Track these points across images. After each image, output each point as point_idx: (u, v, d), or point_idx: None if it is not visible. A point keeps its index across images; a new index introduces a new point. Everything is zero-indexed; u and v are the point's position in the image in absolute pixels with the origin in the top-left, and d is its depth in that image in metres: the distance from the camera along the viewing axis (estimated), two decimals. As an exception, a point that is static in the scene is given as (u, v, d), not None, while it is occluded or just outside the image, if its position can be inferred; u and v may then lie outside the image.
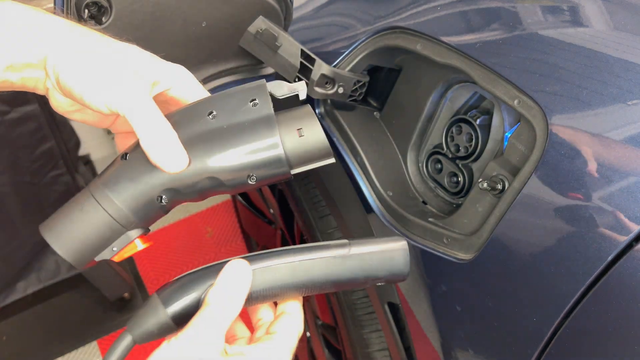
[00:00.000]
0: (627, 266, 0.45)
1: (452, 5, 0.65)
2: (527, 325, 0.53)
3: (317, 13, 0.85)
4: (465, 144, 0.67)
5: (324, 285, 0.45)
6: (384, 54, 0.72)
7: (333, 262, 0.44)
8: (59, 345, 1.66)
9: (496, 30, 0.60)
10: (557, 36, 0.55)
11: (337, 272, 0.44)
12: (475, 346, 0.60)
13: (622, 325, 0.46)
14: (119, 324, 1.71)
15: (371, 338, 0.85)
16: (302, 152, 0.44)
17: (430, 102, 0.69)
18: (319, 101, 0.78)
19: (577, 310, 0.48)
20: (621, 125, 0.47)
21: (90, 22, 0.54)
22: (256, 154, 0.42)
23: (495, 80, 0.57)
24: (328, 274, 0.44)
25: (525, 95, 0.54)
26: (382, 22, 0.71)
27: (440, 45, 0.63)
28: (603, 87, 0.49)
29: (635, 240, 0.44)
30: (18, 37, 0.42)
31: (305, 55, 0.66)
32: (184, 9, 0.59)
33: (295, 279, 0.43)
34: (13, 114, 1.35)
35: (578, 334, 0.49)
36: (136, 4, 0.55)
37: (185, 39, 0.61)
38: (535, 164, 0.52)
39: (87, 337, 1.67)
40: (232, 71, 0.70)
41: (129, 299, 1.76)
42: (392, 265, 0.45)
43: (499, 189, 0.58)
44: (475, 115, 0.66)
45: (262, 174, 0.43)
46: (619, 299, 0.46)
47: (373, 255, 0.45)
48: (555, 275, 0.50)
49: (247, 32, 0.66)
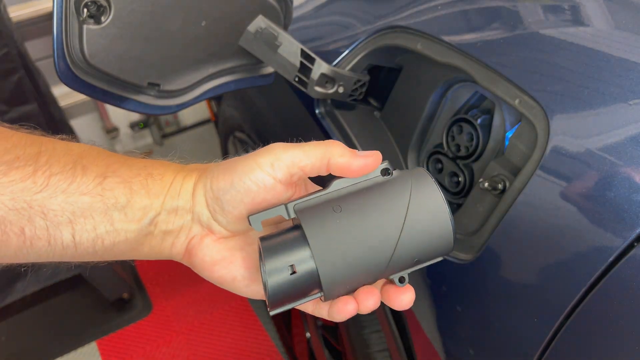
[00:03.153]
0: (629, 267, 0.45)
1: (452, 4, 0.65)
2: (528, 326, 0.52)
3: (317, 12, 0.84)
4: (465, 144, 0.66)
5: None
6: (384, 53, 0.72)
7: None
8: (59, 346, 1.66)
9: (497, 29, 0.60)
10: (558, 35, 0.55)
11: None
12: (476, 347, 0.60)
13: (623, 326, 0.46)
14: (119, 324, 1.71)
15: (371, 338, 0.85)
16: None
17: (430, 102, 0.69)
18: (319, 101, 0.78)
19: (578, 311, 0.48)
20: (622, 125, 0.47)
21: (90, 22, 0.54)
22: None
23: (496, 79, 0.57)
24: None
25: (526, 95, 0.54)
26: (383, 21, 0.71)
27: (440, 44, 0.63)
28: (604, 87, 0.49)
29: (636, 241, 0.44)
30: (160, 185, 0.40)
31: (305, 54, 0.66)
32: (183, 9, 0.59)
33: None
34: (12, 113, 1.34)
35: (579, 335, 0.49)
36: (135, 3, 0.55)
37: (184, 38, 0.61)
38: (536, 163, 0.52)
39: (86, 337, 1.67)
40: (231, 70, 0.70)
41: (128, 299, 1.76)
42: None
43: (499, 188, 0.58)
44: (476, 115, 0.65)
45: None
46: (620, 300, 0.45)
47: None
48: (556, 275, 0.50)
49: (246, 32, 0.66)
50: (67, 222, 0.37)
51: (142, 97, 0.63)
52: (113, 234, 0.39)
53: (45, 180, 0.36)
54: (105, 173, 0.39)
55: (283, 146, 0.39)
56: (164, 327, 1.69)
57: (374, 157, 0.40)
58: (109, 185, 0.38)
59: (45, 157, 0.37)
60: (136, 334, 1.68)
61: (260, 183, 0.38)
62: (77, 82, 0.57)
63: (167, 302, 1.77)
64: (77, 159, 0.39)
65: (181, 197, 0.40)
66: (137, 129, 2.50)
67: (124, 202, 0.39)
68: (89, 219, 0.38)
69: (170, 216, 0.40)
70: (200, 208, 0.41)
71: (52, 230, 0.37)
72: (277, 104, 0.97)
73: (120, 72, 0.59)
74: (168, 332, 1.68)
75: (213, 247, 0.42)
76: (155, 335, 1.67)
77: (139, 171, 0.40)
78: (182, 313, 1.73)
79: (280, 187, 0.39)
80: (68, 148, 0.39)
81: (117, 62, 0.58)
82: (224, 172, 0.39)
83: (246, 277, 0.42)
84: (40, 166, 0.37)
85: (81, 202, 0.37)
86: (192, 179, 0.41)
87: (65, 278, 1.58)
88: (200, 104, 2.13)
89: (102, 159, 0.40)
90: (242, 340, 1.63)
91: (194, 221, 0.41)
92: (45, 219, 0.36)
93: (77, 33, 0.54)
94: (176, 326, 1.69)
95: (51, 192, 0.36)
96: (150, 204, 0.40)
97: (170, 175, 0.41)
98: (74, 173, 0.37)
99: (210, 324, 1.69)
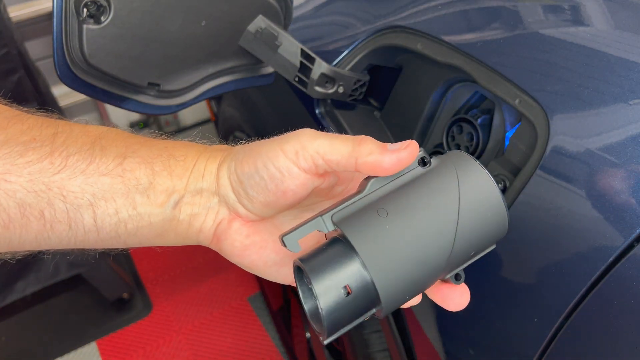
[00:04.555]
0: (629, 267, 0.45)
1: (452, 4, 0.65)
2: (528, 326, 0.52)
3: (317, 12, 0.84)
4: (466, 144, 0.66)
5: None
6: (385, 53, 0.72)
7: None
8: (59, 346, 1.66)
9: (497, 29, 0.60)
10: (558, 35, 0.55)
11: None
12: (476, 347, 0.60)
13: (623, 326, 0.46)
14: (118, 324, 1.71)
15: (371, 338, 0.85)
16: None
17: (430, 102, 0.69)
18: (319, 101, 0.78)
19: (578, 311, 0.48)
20: (622, 125, 0.47)
21: (89, 21, 0.54)
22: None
23: (496, 79, 0.57)
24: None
25: (526, 95, 0.54)
26: (383, 21, 0.71)
27: (440, 44, 0.63)
28: (604, 87, 0.49)
29: (636, 241, 0.44)
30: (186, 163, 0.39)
31: (305, 54, 0.66)
32: (183, 8, 0.59)
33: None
34: (12, 113, 1.34)
35: (579, 335, 0.49)
36: (135, 2, 0.55)
37: (184, 38, 0.61)
38: (536, 163, 0.52)
39: (86, 337, 1.67)
40: (231, 70, 0.70)
41: (128, 299, 1.76)
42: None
43: (499, 188, 0.58)
44: (476, 115, 0.65)
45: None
46: (620, 300, 0.45)
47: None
48: (556, 275, 0.50)
49: (246, 31, 0.66)
50: (87, 205, 0.36)
51: (142, 97, 0.63)
52: (136, 218, 0.37)
53: (63, 161, 0.35)
54: (125, 153, 0.37)
55: (311, 134, 0.36)
56: (164, 327, 1.69)
57: (409, 149, 0.36)
58: (130, 165, 0.37)
59: (62, 138, 0.36)
60: (136, 334, 1.68)
61: (284, 171, 0.36)
62: (77, 82, 0.57)
63: (167, 302, 1.77)
64: (95, 139, 0.37)
65: (205, 179, 0.39)
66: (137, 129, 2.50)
67: (146, 184, 0.37)
68: (110, 201, 0.36)
69: (195, 198, 0.39)
70: (225, 190, 0.39)
71: (72, 213, 0.36)
72: (277, 104, 0.96)
73: (120, 72, 0.58)
74: (168, 332, 1.68)
75: (242, 231, 0.40)
76: (155, 335, 1.67)
77: (160, 152, 0.39)
78: (182, 313, 1.73)
79: (306, 176, 0.37)
80: (85, 130, 0.38)
81: (117, 62, 0.58)
82: (248, 156, 0.37)
83: (277, 262, 0.41)
84: (57, 147, 0.35)
85: (101, 183, 0.36)
86: (216, 160, 0.39)
87: (65, 278, 1.58)
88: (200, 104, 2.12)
89: (121, 139, 0.39)
90: (242, 340, 1.63)
91: (221, 204, 0.39)
92: (65, 202, 0.35)
93: (76, 33, 0.54)
94: (176, 326, 1.69)
95: (70, 173, 0.35)
96: (173, 185, 0.38)
97: (193, 156, 0.39)
98: (92, 153, 0.36)
99: (210, 324, 1.69)
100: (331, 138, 0.36)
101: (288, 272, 0.42)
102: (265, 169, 0.36)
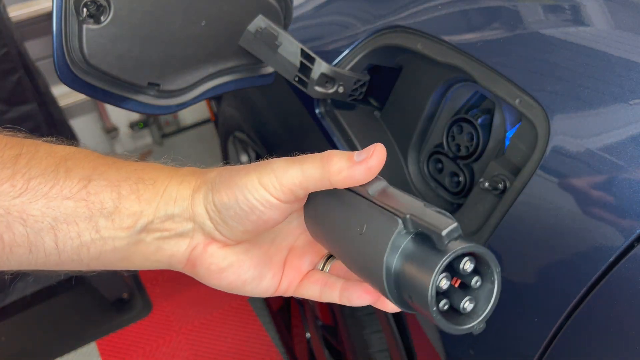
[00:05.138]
0: (629, 267, 0.44)
1: (452, 4, 0.65)
2: (528, 326, 0.52)
3: (317, 12, 0.84)
4: (466, 144, 0.66)
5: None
6: (384, 53, 0.72)
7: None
8: (59, 346, 1.66)
9: (497, 29, 0.60)
10: (559, 35, 0.55)
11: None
12: (476, 347, 0.60)
13: (623, 326, 0.46)
14: (118, 324, 1.71)
15: (371, 338, 0.85)
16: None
17: (430, 102, 0.69)
18: (319, 101, 0.78)
19: (579, 311, 0.48)
20: (623, 125, 0.47)
21: (89, 21, 0.54)
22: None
23: (496, 79, 0.57)
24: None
25: (526, 95, 0.54)
26: (383, 21, 0.71)
27: (441, 44, 0.63)
28: (605, 87, 0.49)
29: (637, 241, 0.44)
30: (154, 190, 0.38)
31: (305, 54, 0.66)
32: (183, 8, 0.59)
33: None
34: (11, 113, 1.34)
35: (579, 335, 0.49)
36: (135, 2, 0.55)
37: (184, 38, 0.61)
38: (536, 163, 0.52)
39: (86, 337, 1.67)
40: (231, 70, 0.70)
41: (128, 299, 1.76)
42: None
43: (500, 188, 0.58)
44: (476, 115, 0.65)
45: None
46: (621, 300, 0.45)
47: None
48: (557, 275, 0.50)
49: (246, 31, 0.66)
50: (48, 229, 0.35)
51: (142, 97, 0.63)
52: (99, 242, 0.37)
53: (24, 184, 0.35)
54: (91, 176, 0.37)
55: (283, 166, 0.36)
56: (164, 327, 1.69)
57: (376, 154, 0.36)
58: (95, 188, 0.36)
59: (25, 159, 0.35)
60: (136, 334, 1.68)
61: (265, 203, 0.37)
62: (77, 82, 0.57)
63: (167, 302, 1.77)
64: (60, 161, 0.37)
65: (177, 205, 0.38)
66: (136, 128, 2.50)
67: (111, 208, 0.36)
68: (72, 225, 0.36)
69: (165, 224, 0.38)
70: (202, 219, 0.39)
71: (32, 237, 0.35)
72: (277, 104, 0.96)
73: (120, 72, 0.58)
74: (168, 332, 1.68)
75: (218, 254, 0.40)
76: (155, 335, 1.67)
77: (128, 175, 0.38)
78: (182, 313, 1.73)
79: (286, 205, 0.38)
80: (52, 150, 0.37)
81: (117, 62, 0.58)
82: (226, 186, 0.37)
83: (256, 276, 0.41)
84: (20, 169, 0.35)
85: (64, 206, 0.35)
86: (189, 186, 0.39)
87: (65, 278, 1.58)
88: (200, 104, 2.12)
89: (88, 161, 0.38)
90: (242, 340, 1.63)
91: (196, 230, 0.39)
92: (25, 226, 0.35)
93: (76, 33, 0.54)
94: (176, 326, 1.69)
95: (31, 197, 0.35)
96: (141, 210, 0.37)
97: (163, 180, 0.39)
98: (56, 176, 0.36)
99: (210, 324, 1.69)
100: (301, 164, 0.36)
101: (269, 284, 0.42)
102: (246, 201, 0.37)
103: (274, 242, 0.44)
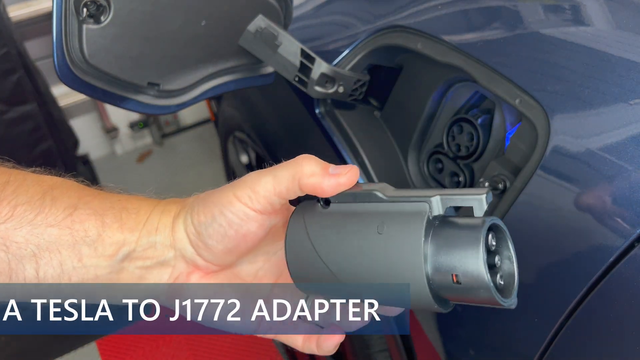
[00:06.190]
0: (629, 267, 0.44)
1: (453, 3, 0.65)
2: (528, 326, 0.52)
3: (317, 12, 0.84)
4: (466, 144, 0.66)
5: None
6: (385, 53, 0.72)
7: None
8: (58, 346, 1.66)
9: (497, 29, 0.60)
10: (559, 35, 0.55)
11: None
12: (476, 347, 0.60)
13: (623, 326, 0.46)
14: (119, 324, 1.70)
15: (371, 338, 0.85)
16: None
17: (431, 101, 0.69)
18: (319, 101, 0.78)
19: (579, 312, 0.48)
20: (623, 125, 0.47)
21: (89, 21, 0.54)
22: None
23: (496, 79, 0.57)
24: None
25: (526, 95, 0.54)
26: (383, 20, 0.71)
27: (441, 44, 0.63)
28: (605, 87, 0.49)
29: (637, 241, 0.44)
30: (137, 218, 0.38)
31: (305, 54, 0.66)
32: (183, 8, 0.59)
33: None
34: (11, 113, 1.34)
35: (579, 335, 0.49)
36: (135, 2, 0.55)
37: (184, 37, 0.61)
38: (536, 163, 0.52)
39: (86, 337, 1.67)
40: (231, 70, 0.70)
41: (128, 299, 1.75)
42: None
43: (500, 188, 0.58)
44: (477, 115, 0.65)
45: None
46: (621, 300, 0.45)
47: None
48: (557, 275, 0.50)
49: (246, 31, 0.66)
50: (30, 256, 0.35)
51: (142, 97, 0.63)
52: (81, 270, 0.37)
53: (10, 211, 0.35)
54: (77, 204, 0.37)
55: (255, 176, 0.37)
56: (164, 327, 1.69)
57: (349, 174, 0.36)
58: (80, 217, 0.37)
59: (12, 187, 0.36)
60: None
61: (241, 215, 0.37)
62: (77, 82, 0.57)
63: (167, 302, 1.76)
64: (47, 190, 0.37)
65: (159, 233, 0.39)
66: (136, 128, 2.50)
67: (94, 236, 0.37)
68: (55, 253, 0.36)
69: (147, 252, 0.38)
70: (182, 244, 0.39)
71: (14, 264, 0.35)
72: (277, 104, 0.96)
73: (120, 72, 0.58)
74: (168, 332, 1.68)
75: (199, 286, 0.40)
76: (155, 335, 1.67)
77: (112, 204, 0.38)
78: (182, 313, 1.72)
79: (262, 217, 0.38)
80: (39, 179, 0.38)
81: (117, 61, 0.58)
82: (203, 206, 0.38)
83: (238, 309, 0.41)
84: (6, 196, 0.35)
85: (48, 234, 0.35)
86: (170, 213, 0.39)
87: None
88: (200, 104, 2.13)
89: (74, 191, 0.38)
90: (242, 340, 1.63)
91: (177, 258, 0.39)
92: (7, 252, 0.35)
93: (76, 33, 0.54)
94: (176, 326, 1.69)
95: (16, 223, 0.35)
96: (124, 238, 0.38)
97: (146, 210, 0.39)
98: (42, 204, 0.36)
99: (210, 324, 1.68)
100: (273, 171, 0.37)
101: (250, 321, 0.41)
102: (223, 216, 0.37)
103: (257, 276, 0.44)
